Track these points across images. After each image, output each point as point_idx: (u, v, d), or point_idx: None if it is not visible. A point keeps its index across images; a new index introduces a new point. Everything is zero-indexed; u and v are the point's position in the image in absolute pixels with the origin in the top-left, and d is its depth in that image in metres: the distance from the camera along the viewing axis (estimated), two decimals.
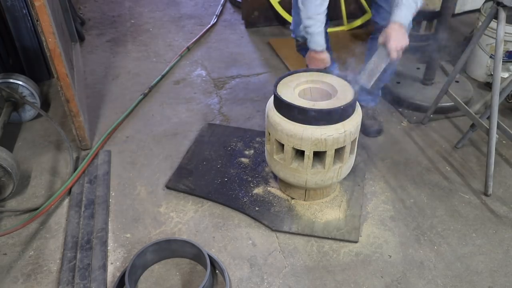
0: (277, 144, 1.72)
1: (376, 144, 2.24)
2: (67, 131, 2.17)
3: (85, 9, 3.83)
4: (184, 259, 1.65)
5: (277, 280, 1.59)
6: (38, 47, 2.58)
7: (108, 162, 2.10)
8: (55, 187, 1.97)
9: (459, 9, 3.48)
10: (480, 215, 1.85)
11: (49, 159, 2.13)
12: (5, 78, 2.26)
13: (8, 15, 2.42)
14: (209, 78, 2.83)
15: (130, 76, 2.85)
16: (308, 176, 1.71)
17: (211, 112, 2.50)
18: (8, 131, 2.21)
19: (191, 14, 3.76)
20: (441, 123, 2.40)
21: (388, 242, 1.73)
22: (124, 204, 1.90)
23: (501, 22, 1.83)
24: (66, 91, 1.97)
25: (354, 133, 1.66)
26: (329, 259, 1.66)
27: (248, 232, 1.77)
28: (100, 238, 1.71)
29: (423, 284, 1.58)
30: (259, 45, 3.25)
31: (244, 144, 2.20)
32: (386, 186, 1.99)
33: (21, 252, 1.68)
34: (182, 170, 2.04)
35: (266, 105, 1.76)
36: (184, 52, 3.09)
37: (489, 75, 2.66)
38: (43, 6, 1.73)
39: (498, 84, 1.86)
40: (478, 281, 1.59)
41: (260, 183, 1.96)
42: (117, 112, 2.46)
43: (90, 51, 3.15)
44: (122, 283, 1.52)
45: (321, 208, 1.84)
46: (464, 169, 2.09)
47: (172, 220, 1.82)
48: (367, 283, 1.58)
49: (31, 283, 1.57)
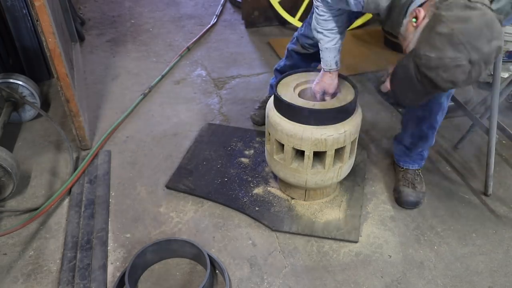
0: (277, 144, 1.72)
1: (376, 144, 2.24)
2: (67, 131, 2.17)
3: (85, 9, 3.83)
4: (184, 259, 1.65)
5: (277, 280, 1.59)
6: (38, 47, 2.58)
7: (108, 162, 2.10)
8: (55, 187, 1.97)
9: None
10: (480, 215, 1.85)
11: (49, 159, 2.13)
12: (5, 78, 2.26)
13: (8, 15, 2.42)
14: (209, 78, 2.83)
15: (130, 76, 2.85)
16: (308, 176, 1.71)
17: (211, 112, 2.50)
18: (8, 131, 2.21)
19: (191, 14, 3.76)
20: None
21: (388, 242, 1.73)
22: (124, 204, 1.90)
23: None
24: (66, 91, 1.97)
25: (354, 133, 1.66)
26: (329, 259, 1.66)
27: (248, 232, 1.77)
28: (100, 238, 1.71)
29: (423, 284, 1.58)
30: (259, 45, 3.25)
31: (244, 144, 2.20)
32: (386, 186, 1.99)
33: (21, 252, 1.68)
34: (182, 170, 2.04)
35: (266, 105, 1.76)
36: (184, 52, 3.09)
37: (489, 75, 2.65)
38: (43, 6, 1.73)
39: (498, 84, 1.86)
40: (478, 281, 1.59)
41: (260, 183, 1.96)
42: (117, 112, 2.46)
43: (90, 51, 3.15)
44: (122, 283, 1.52)
45: (321, 208, 1.84)
46: (464, 169, 2.09)
47: (172, 220, 1.82)
48: (367, 283, 1.58)
49: (31, 283, 1.57)
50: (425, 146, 1.90)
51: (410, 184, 1.90)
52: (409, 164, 1.96)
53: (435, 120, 1.79)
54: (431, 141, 1.88)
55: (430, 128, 1.82)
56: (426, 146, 1.90)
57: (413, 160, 1.95)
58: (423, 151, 1.93)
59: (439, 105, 1.75)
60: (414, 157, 1.94)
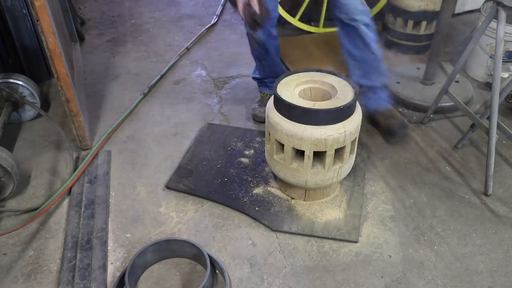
0: (277, 144, 1.72)
1: (376, 144, 2.24)
2: (67, 131, 2.18)
3: (85, 9, 3.83)
4: (184, 259, 1.65)
5: (277, 280, 1.59)
6: (38, 47, 2.58)
7: (108, 162, 2.10)
8: (55, 187, 1.97)
9: (459, 9, 3.48)
10: (480, 215, 1.85)
11: (49, 159, 2.13)
12: (5, 78, 2.26)
13: (8, 15, 2.42)
14: (209, 78, 2.83)
15: (130, 76, 2.85)
16: (308, 176, 1.71)
17: (211, 112, 2.50)
18: (8, 131, 2.21)
19: (191, 14, 3.76)
20: (441, 123, 2.40)
21: (388, 242, 1.73)
22: (124, 204, 1.90)
23: (501, 22, 1.83)
24: (66, 91, 1.97)
25: (354, 133, 1.66)
26: (329, 259, 1.66)
27: (248, 232, 1.77)
28: (100, 238, 1.71)
29: (423, 284, 1.58)
30: None
31: (244, 144, 2.20)
32: (386, 186, 1.99)
33: (21, 252, 1.68)
34: (182, 170, 2.04)
35: (266, 105, 1.76)
36: (183, 52, 3.09)
37: (489, 75, 2.66)
38: (43, 6, 1.73)
39: (498, 84, 1.86)
40: (478, 281, 1.59)
41: (260, 183, 1.96)
42: (117, 112, 2.46)
43: (90, 51, 3.15)
44: (122, 283, 1.52)
45: (321, 208, 1.84)
46: (464, 169, 2.09)
47: (172, 220, 1.82)
48: (367, 283, 1.58)
49: (31, 283, 1.57)
50: (383, 76, 2.11)
51: (391, 118, 2.16)
52: (383, 104, 2.18)
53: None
54: (381, 62, 2.07)
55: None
56: (384, 76, 2.10)
57: (383, 99, 2.17)
58: (387, 88, 2.15)
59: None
60: (381, 94, 2.15)
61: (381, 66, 2.10)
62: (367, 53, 2.04)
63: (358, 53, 2.05)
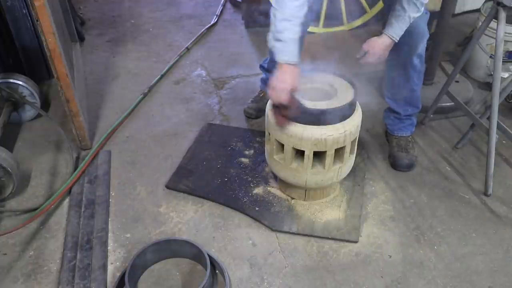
0: (277, 144, 1.72)
1: (376, 144, 2.24)
2: (67, 131, 2.17)
3: (85, 9, 3.82)
4: (184, 259, 1.65)
5: (277, 280, 1.59)
6: (38, 47, 2.58)
7: (108, 162, 2.10)
8: (55, 187, 1.97)
9: (459, 9, 3.48)
10: (480, 215, 1.85)
11: (49, 159, 2.13)
12: (5, 78, 2.26)
13: (8, 15, 2.42)
14: (209, 78, 2.83)
15: (130, 76, 2.85)
16: (308, 176, 1.71)
17: (211, 112, 2.50)
18: (8, 131, 2.21)
19: (191, 14, 3.76)
20: (441, 123, 2.40)
21: (388, 242, 1.73)
22: (124, 204, 1.90)
23: (501, 22, 1.83)
24: (66, 91, 1.97)
25: (354, 133, 1.66)
26: (329, 259, 1.66)
27: (248, 232, 1.77)
28: (100, 238, 1.71)
29: (423, 284, 1.58)
30: (259, 45, 3.25)
31: (244, 144, 2.20)
32: (386, 186, 1.99)
33: (21, 252, 1.68)
34: (182, 170, 2.04)
35: (266, 105, 1.76)
36: (183, 52, 3.09)
37: (489, 75, 2.65)
38: (43, 6, 1.73)
39: (498, 84, 1.86)
40: (478, 281, 1.59)
41: (260, 183, 1.96)
42: (117, 112, 2.46)
43: (90, 51, 3.15)
44: (122, 283, 1.52)
45: (321, 208, 1.84)
46: (464, 169, 2.09)
47: (172, 220, 1.82)
48: (367, 283, 1.58)
49: (31, 283, 1.57)
50: (413, 108, 2.07)
51: (404, 150, 2.07)
52: (403, 132, 2.12)
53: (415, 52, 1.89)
54: (417, 94, 2.02)
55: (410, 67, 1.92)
56: (414, 108, 2.07)
57: (405, 127, 2.12)
58: (412, 117, 2.12)
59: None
60: (406, 122, 2.11)
61: (416, 98, 2.04)
62: (408, 82, 1.97)
63: (399, 79, 1.98)
